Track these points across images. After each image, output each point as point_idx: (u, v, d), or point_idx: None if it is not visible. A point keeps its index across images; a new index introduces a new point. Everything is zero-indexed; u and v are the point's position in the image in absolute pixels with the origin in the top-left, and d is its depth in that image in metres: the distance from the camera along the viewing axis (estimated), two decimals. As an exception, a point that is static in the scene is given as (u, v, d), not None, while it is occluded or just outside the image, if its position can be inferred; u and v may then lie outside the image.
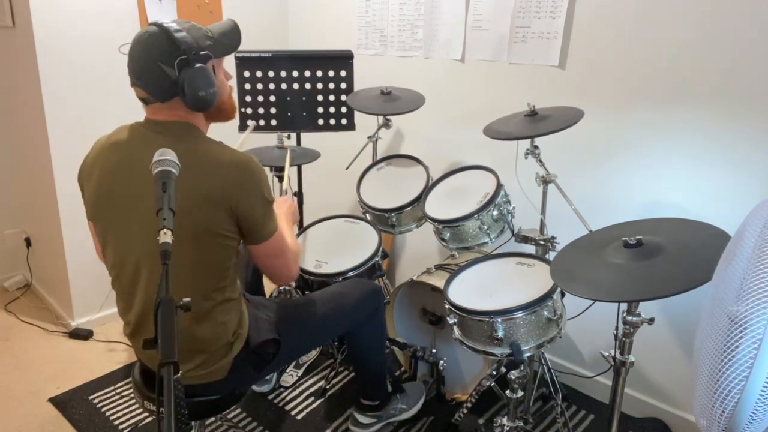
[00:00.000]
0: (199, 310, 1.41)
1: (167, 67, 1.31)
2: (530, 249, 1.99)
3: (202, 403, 1.52)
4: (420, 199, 2.19)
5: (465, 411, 2.11)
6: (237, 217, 1.37)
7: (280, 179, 2.16)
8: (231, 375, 1.51)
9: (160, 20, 1.35)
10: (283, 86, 2.51)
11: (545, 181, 1.94)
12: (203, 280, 1.41)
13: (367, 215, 2.34)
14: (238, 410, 2.21)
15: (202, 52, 1.34)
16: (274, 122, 2.56)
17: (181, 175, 1.25)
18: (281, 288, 2.52)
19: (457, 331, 1.77)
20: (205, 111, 1.40)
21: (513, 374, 1.74)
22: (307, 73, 2.52)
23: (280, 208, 1.76)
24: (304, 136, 2.72)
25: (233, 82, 2.42)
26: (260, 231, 1.42)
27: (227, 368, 1.50)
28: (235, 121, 2.49)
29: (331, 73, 2.53)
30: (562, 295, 1.77)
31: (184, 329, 1.40)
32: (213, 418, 2.15)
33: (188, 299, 0.95)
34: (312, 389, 2.36)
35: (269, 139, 2.60)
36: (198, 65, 1.33)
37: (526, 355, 1.66)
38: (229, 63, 2.19)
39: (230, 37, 1.45)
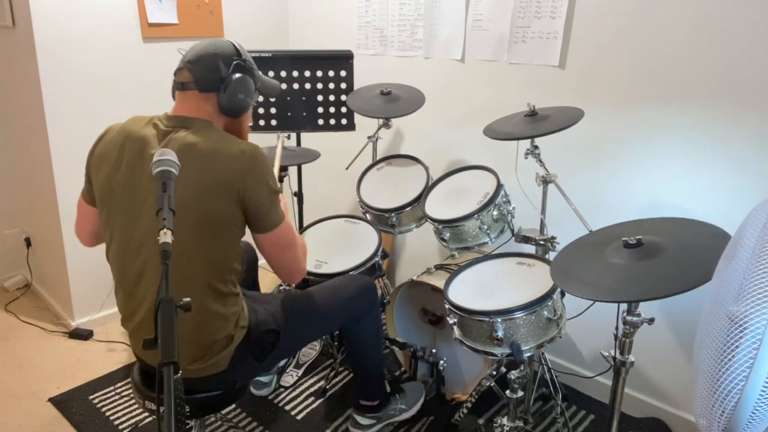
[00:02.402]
0: (208, 302, 1.43)
1: (223, 63, 1.45)
2: (530, 249, 1.99)
3: (204, 399, 1.53)
4: (420, 199, 2.19)
5: (465, 411, 2.11)
6: (244, 204, 1.41)
7: (281, 179, 2.16)
8: (232, 366, 1.52)
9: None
10: (283, 86, 2.51)
11: (545, 181, 1.94)
12: (213, 271, 1.43)
13: (367, 215, 2.35)
14: (238, 410, 2.21)
15: (256, 72, 1.54)
16: (274, 122, 2.56)
17: (191, 165, 1.34)
18: (280, 287, 2.52)
19: (457, 331, 1.77)
20: (232, 115, 1.50)
21: (513, 374, 1.74)
22: (307, 73, 2.52)
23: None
24: (304, 136, 2.72)
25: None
26: (267, 218, 1.45)
27: (228, 359, 1.51)
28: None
29: (331, 73, 2.53)
30: (562, 295, 1.77)
31: (188, 322, 1.41)
32: (213, 418, 2.16)
33: (188, 299, 0.95)
34: (312, 389, 2.36)
35: (269, 139, 2.60)
36: (248, 76, 1.49)
37: (526, 355, 1.66)
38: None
39: (268, 87, 1.63)
